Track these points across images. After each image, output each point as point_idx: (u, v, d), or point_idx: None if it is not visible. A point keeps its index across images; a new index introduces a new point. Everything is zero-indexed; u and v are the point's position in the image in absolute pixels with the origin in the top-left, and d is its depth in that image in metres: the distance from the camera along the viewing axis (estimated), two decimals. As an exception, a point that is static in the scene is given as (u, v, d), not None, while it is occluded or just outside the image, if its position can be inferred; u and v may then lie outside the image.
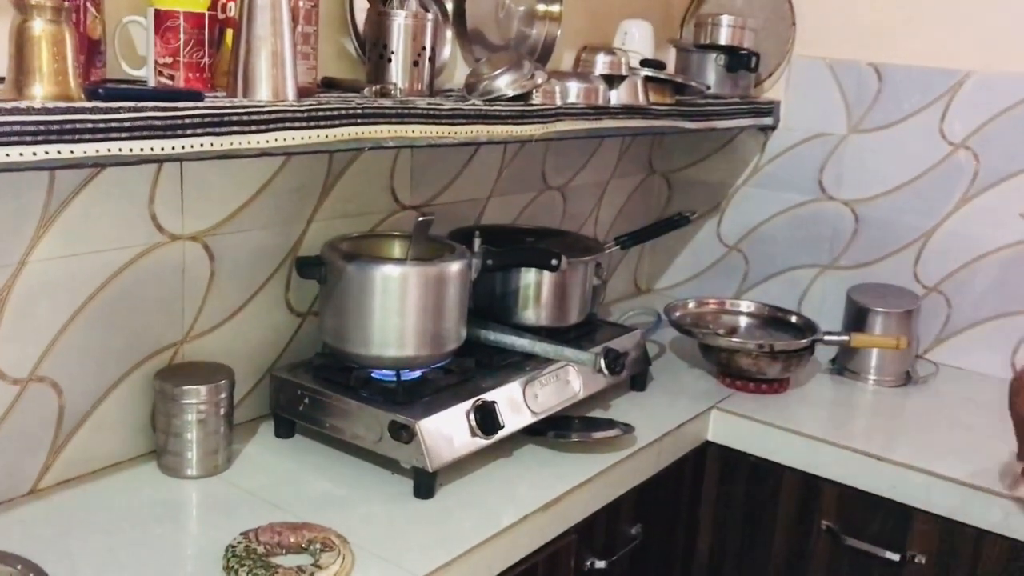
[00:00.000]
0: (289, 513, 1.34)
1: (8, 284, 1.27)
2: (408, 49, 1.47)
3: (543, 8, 2.02)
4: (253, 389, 1.63)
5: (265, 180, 1.56)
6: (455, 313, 1.55)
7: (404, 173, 1.81)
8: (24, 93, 0.98)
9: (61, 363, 1.35)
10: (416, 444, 1.40)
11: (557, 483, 1.50)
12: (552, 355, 1.66)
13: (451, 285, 1.53)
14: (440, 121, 1.38)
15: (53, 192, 1.29)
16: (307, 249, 1.64)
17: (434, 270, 1.51)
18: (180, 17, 1.21)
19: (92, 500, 1.36)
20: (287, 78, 1.22)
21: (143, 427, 1.48)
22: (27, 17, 0.98)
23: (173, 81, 1.22)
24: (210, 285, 1.52)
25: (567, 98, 1.69)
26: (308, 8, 1.34)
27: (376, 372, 1.53)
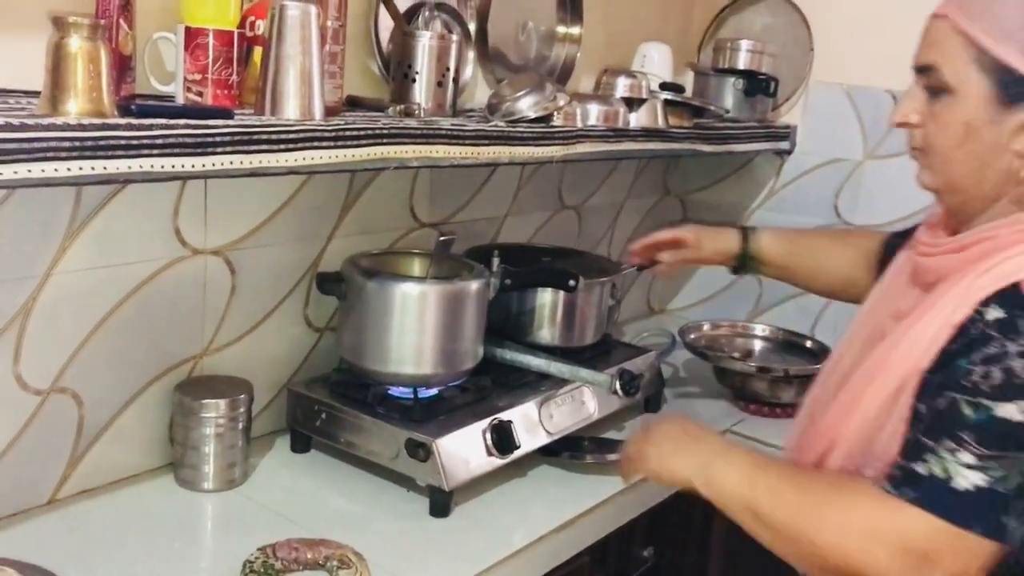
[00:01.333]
0: (305, 529, 1.34)
1: (33, 295, 1.28)
2: (432, 70, 1.48)
3: (563, 30, 2.03)
4: (270, 403, 1.63)
5: (287, 196, 1.57)
6: (472, 332, 1.56)
7: (423, 191, 1.82)
8: (59, 109, 0.99)
9: (82, 374, 1.36)
10: (433, 462, 1.41)
11: (571, 504, 1.50)
12: (568, 375, 1.66)
13: (469, 304, 1.54)
14: (464, 142, 1.39)
15: (80, 205, 1.30)
16: (327, 265, 1.65)
17: (453, 289, 1.52)
18: (209, 34, 1.22)
19: (110, 511, 1.37)
20: (315, 97, 1.23)
21: (161, 439, 1.49)
22: (64, 34, 0.99)
23: (201, 97, 1.23)
24: (231, 299, 1.53)
25: (587, 120, 1.70)
26: (336, 27, 1.35)
27: (393, 389, 1.54)
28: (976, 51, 0.98)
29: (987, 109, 0.98)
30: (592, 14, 2.05)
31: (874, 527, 0.95)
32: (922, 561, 0.91)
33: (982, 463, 0.90)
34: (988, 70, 0.97)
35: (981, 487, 0.90)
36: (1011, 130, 0.98)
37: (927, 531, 0.92)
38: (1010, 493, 0.90)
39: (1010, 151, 0.99)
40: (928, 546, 0.91)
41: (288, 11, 1.20)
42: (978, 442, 0.90)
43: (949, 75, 1.00)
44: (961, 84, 0.99)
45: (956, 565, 0.91)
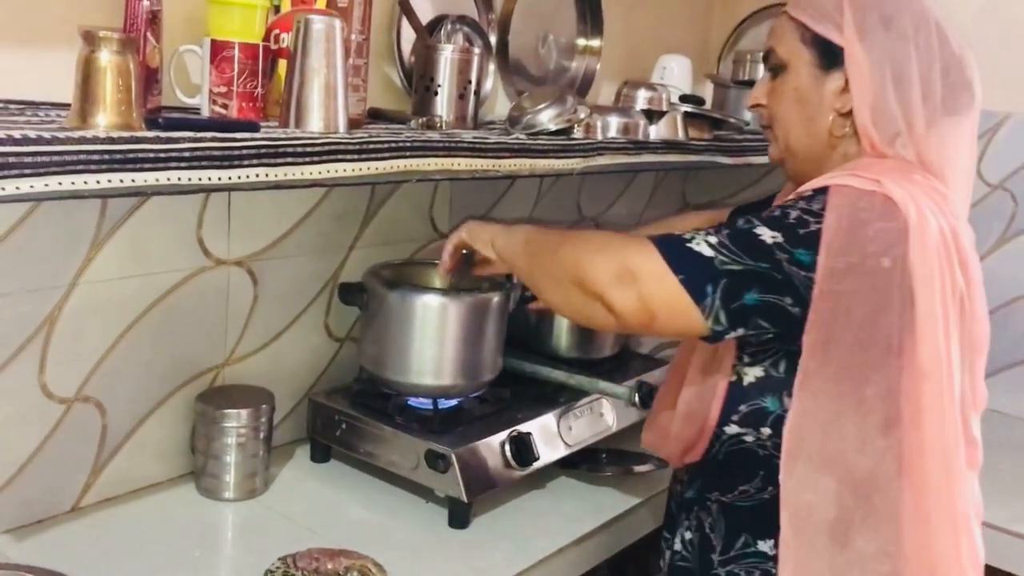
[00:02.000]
0: (325, 539, 1.35)
1: (59, 305, 1.29)
2: (454, 83, 1.49)
3: (583, 43, 2.04)
4: (290, 413, 1.64)
5: (309, 208, 1.58)
6: (493, 344, 1.56)
7: (444, 202, 1.83)
8: (88, 122, 1.00)
9: (106, 383, 1.37)
10: (452, 473, 1.41)
11: (590, 517, 1.50)
12: (586, 387, 1.66)
13: (490, 316, 1.54)
14: (485, 154, 1.39)
15: (105, 216, 1.32)
16: (348, 275, 1.66)
17: (474, 301, 1.52)
18: (235, 48, 1.23)
19: (131, 520, 1.38)
20: (339, 109, 1.24)
21: (182, 448, 1.50)
22: (94, 48, 1.00)
23: (227, 110, 1.24)
24: (253, 309, 1.54)
25: (607, 132, 1.70)
26: (360, 41, 1.36)
27: (413, 400, 1.55)
28: (802, 30, 1.17)
29: (811, 76, 1.17)
30: (612, 26, 2.05)
31: (613, 248, 1.11)
32: (630, 278, 1.07)
33: (719, 245, 1.05)
34: (810, 44, 1.17)
35: (706, 255, 1.05)
36: (832, 92, 1.16)
37: (648, 261, 1.07)
38: (723, 275, 1.04)
39: (831, 110, 1.16)
40: (641, 270, 1.07)
41: (313, 24, 1.21)
42: (728, 236, 1.06)
43: (783, 53, 1.20)
44: (792, 57, 1.19)
45: (652, 291, 1.06)
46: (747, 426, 1.15)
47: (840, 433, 1.06)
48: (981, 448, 1.17)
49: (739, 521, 1.18)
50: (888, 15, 1.12)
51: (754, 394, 1.14)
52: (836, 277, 1.02)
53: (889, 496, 1.06)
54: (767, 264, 1.03)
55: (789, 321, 1.05)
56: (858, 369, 1.05)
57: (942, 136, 1.12)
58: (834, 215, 1.04)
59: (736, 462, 1.17)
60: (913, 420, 1.05)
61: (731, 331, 1.06)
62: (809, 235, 1.04)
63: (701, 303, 1.04)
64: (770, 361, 1.13)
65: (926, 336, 1.04)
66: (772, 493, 1.13)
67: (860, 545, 1.06)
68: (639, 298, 1.06)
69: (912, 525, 1.06)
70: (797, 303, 1.04)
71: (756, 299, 1.04)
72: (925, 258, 1.03)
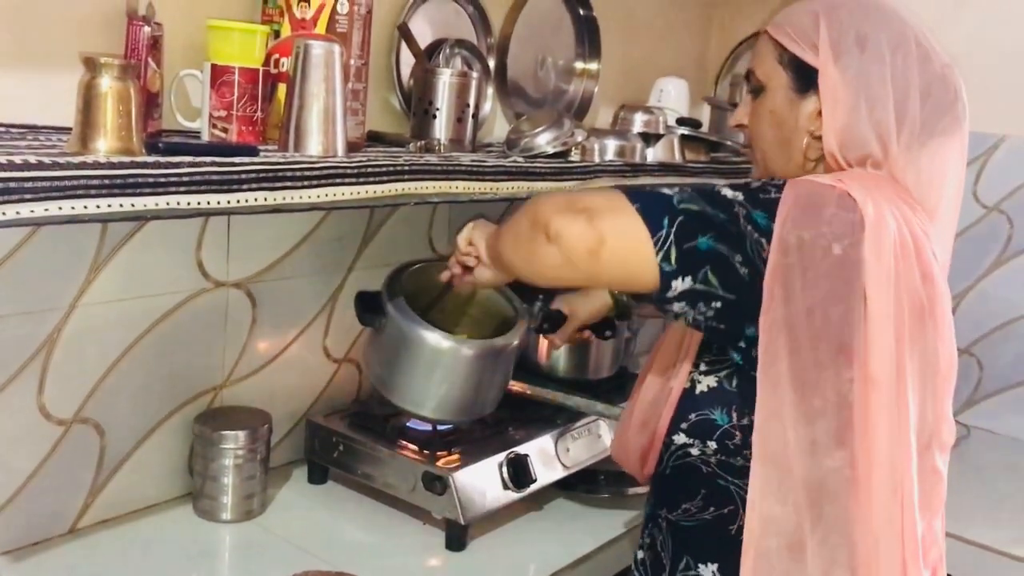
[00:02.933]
0: (322, 560, 1.35)
1: (58, 327, 1.30)
2: (453, 106, 1.50)
3: (581, 66, 2.05)
4: (288, 434, 1.65)
5: (308, 230, 1.59)
6: (501, 382, 1.51)
7: (442, 224, 1.84)
8: (89, 147, 1.02)
9: (105, 405, 1.38)
10: (449, 496, 1.41)
11: (587, 539, 1.50)
12: (584, 409, 1.67)
13: (503, 359, 1.48)
14: (483, 177, 1.41)
15: (105, 239, 1.33)
16: (346, 297, 1.66)
17: (490, 347, 1.45)
18: (235, 72, 1.24)
19: (129, 541, 1.38)
20: (337, 133, 1.25)
21: (180, 470, 1.50)
22: (95, 74, 1.02)
23: (227, 134, 1.25)
24: (251, 331, 1.55)
25: (605, 155, 1.71)
26: (359, 65, 1.37)
27: (412, 422, 1.55)
28: (779, 52, 1.16)
29: (786, 98, 1.16)
30: (610, 49, 2.07)
31: (578, 190, 1.10)
32: (582, 208, 1.03)
33: (680, 190, 1.05)
34: (787, 65, 1.15)
35: (666, 193, 1.04)
36: (806, 115, 1.14)
37: (605, 196, 1.05)
38: (680, 212, 1.01)
39: (805, 132, 1.15)
40: (595, 201, 1.04)
41: (312, 50, 1.22)
42: (691, 187, 1.06)
43: (761, 75, 1.19)
44: (769, 79, 1.17)
45: (604, 216, 1.02)
46: (694, 436, 1.13)
47: (796, 437, 1.03)
48: (944, 483, 1.14)
49: (683, 542, 1.17)
50: (864, 35, 1.10)
51: (704, 404, 1.12)
52: (786, 250, 1.00)
53: (839, 506, 1.03)
54: (725, 215, 1.01)
55: (736, 282, 1.01)
56: (812, 366, 1.02)
57: (920, 159, 1.10)
58: (792, 193, 1.03)
59: (680, 477, 1.16)
60: (861, 431, 1.02)
61: (680, 276, 1.00)
62: (768, 201, 1.03)
63: (655, 233, 1.00)
64: (725, 373, 1.11)
65: (877, 341, 1.01)
66: (713, 514, 1.12)
67: (812, 557, 1.04)
68: (588, 221, 1.01)
69: (863, 540, 1.03)
70: (746, 263, 1.01)
71: (709, 245, 1.00)
72: (880, 257, 1.01)
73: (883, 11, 1.13)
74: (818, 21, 1.12)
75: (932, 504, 1.12)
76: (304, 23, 1.34)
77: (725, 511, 1.12)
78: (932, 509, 1.12)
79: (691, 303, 1.02)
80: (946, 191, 1.13)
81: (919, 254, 1.05)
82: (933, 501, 1.12)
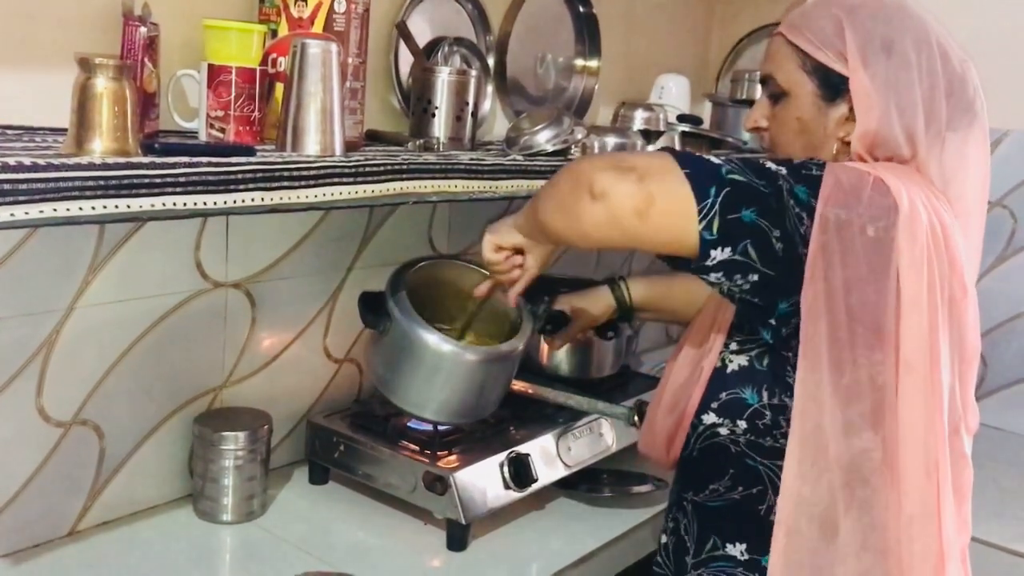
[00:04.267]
0: (323, 561, 1.35)
1: (56, 329, 1.30)
2: (452, 104, 1.49)
3: (581, 63, 2.05)
4: (289, 435, 1.64)
5: (308, 229, 1.59)
6: (503, 385, 1.50)
7: (442, 223, 1.83)
8: (84, 148, 1.01)
9: (104, 407, 1.37)
10: (450, 496, 1.41)
11: (589, 538, 1.49)
12: (586, 408, 1.66)
13: (507, 364, 1.47)
14: (482, 176, 1.40)
15: (103, 240, 1.32)
16: (346, 297, 1.66)
17: (494, 353, 1.43)
18: (232, 72, 1.24)
19: (129, 543, 1.37)
20: (335, 132, 1.24)
21: (180, 471, 1.49)
22: (90, 75, 1.01)
23: (224, 134, 1.24)
24: (251, 331, 1.54)
25: (605, 152, 1.70)
26: (357, 64, 1.37)
27: (412, 422, 1.54)
28: (802, 58, 1.15)
29: (814, 105, 1.15)
30: (610, 46, 2.06)
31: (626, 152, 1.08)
32: (629, 168, 1.02)
33: (727, 160, 1.04)
34: (812, 73, 1.15)
35: (715, 162, 1.03)
36: (835, 121, 1.14)
37: (656, 159, 1.05)
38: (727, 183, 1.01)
39: (835, 139, 1.15)
40: (644, 162, 1.04)
41: (309, 49, 1.22)
42: (738, 159, 1.05)
43: (783, 81, 1.17)
44: (793, 86, 1.16)
45: (654, 178, 1.01)
46: (724, 416, 1.14)
47: (831, 418, 1.04)
48: (971, 468, 1.15)
49: (709, 522, 1.18)
50: (889, 40, 1.11)
51: (734, 383, 1.13)
52: (825, 228, 1.01)
53: (870, 488, 1.04)
54: (769, 188, 1.02)
55: (772, 258, 1.01)
56: (848, 347, 1.03)
57: (943, 153, 1.11)
58: (832, 174, 1.04)
59: (708, 458, 1.17)
60: (892, 414, 1.03)
61: (720, 246, 1.00)
62: (810, 177, 1.04)
63: (701, 201, 0.99)
64: (756, 352, 1.13)
65: (911, 327, 1.02)
66: (742, 494, 1.14)
67: (845, 537, 1.05)
68: (639, 181, 1.01)
69: (895, 522, 1.04)
70: (783, 239, 1.01)
71: (752, 218, 1.00)
72: (914, 245, 1.02)
73: (903, 12, 1.14)
74: (841, 27, 1.12)
75: (961, 489, 1.13)
76: (301, 22, 1.33)
77: (754, 491, 1.14)
78: (961, 494, 1.13)
79: (728, 274, 1.03)
80: (969, 182, 1.14)
81: (947, 242, 1.06)
82: (962, 486, 1.13)
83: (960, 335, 1.09)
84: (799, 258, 1.02)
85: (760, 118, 1.22)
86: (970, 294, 1.11)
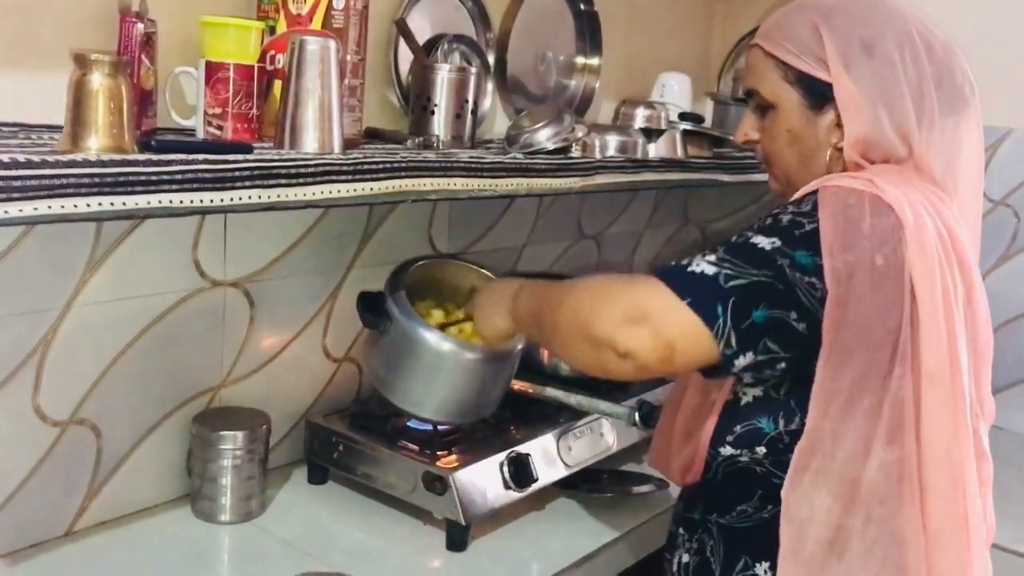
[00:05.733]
0: (321, 562, 1.34)
1: (53, 328, 1.29)
2: (451, 102, 1.48)
3: (582, 61, 2.04)
4: (288, 434, 1.63)
5: (307, 228, 1.58)
6: (503, 384, 1.49)
7: (442, 221, 1.82)
8: (80, 145, 1.00)
9: (101, 406, 1.36)
10: (450, 496, 1.40)
11: (589, 538, 1.48)
12: (587, 407, 1.64)
13: (507, 363, 1.46)
14: (482, 174, 1.39)
15: (100, 238, 1.31)
16: (345, 297, 1.65)
17: (494, 353, 1.41)
18: (230, 69, 1.23)
19: (127, 543, 1.36)
20: (334, 130, 1.24)
21: (178, 471, 1.48)
22: (86, 71, 1.00)
23: (222, 131, 1.24)
24: (249, 330, 1.54)
25: (606, 151, 1.70)
26: (356, 61, 1.36)
27: (412, 422, 1.53)
28: (783, 69, 1.14)
29: (802, 116, 1.14)
30: (611, 44, 2.05)
31: (614, 291, 1.07)
32: (639, 315, 1.03)
33: (719, 260, 1.03)
34: (795, 83, 1.13)
35: (709, 274, 1.02)
36: (825, 129, 1.13)
37: (654, 294, 1.03)
38: (730, 292, 1.01)
39: (828, 146, 1.14)
40: (649, 304, 1.03)
41: (307, 46, 1.21)
42: (726, 251, 1.04)
43: (767, 94, 1.16)
44: (778, 99, 1.15)
45: (665, 322, 1.02)
46: (741, 447, 1.12)
47: (849, 444, 1.03)
48: (991, 463, 1.14)
49: (739, 543, 1.16)
50: (869, 40, 1.09)
51: (749, 414, 1.12)
52: (839, 279, 1.00)
53: (889, 508, 1.03)
54: (770, 273, 1.00)
55: (796, 340, 1.02)
56: (870, 377, 1.02)
57: (936, 144, 1.10)
58: (827, 213, 1.02)
59: (734, 482, 1.16)
60: (913, 428, 1.02)
61: (741, 355, 1.01)
62: (805, 235, 1.02)
63: (712, 325, 1.00)
64: (772, 383, 1.10)
65: (930, 337, 1.01)
66: (772, 512, 1.12)
67: (858, 560, 1.04)
68: (653, 332, 1.01)
69: (915, 539, 1.03)
70: (802, 317, 1.01)
71: (764, 315, 1.00)
72: (924, 257, 1.01)
73: (878, 8, 1.12)
74: (818, 32, 1.11)
75: (984, 486, 1.13)
76: (300, 19, 1.33)
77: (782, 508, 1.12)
78: (984, 491, 1.13)
79: (757, 371, 1.05)
80: (964, 167, 1.12)
81: (955, 244, 1.06)
82: (984, 482, 1.13)
83: (974, 333, 1.09)
84: (821, 325, 1.01)
85: (750, 131, 1.21)
86: (979, 289, 1.10)
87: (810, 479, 1.05)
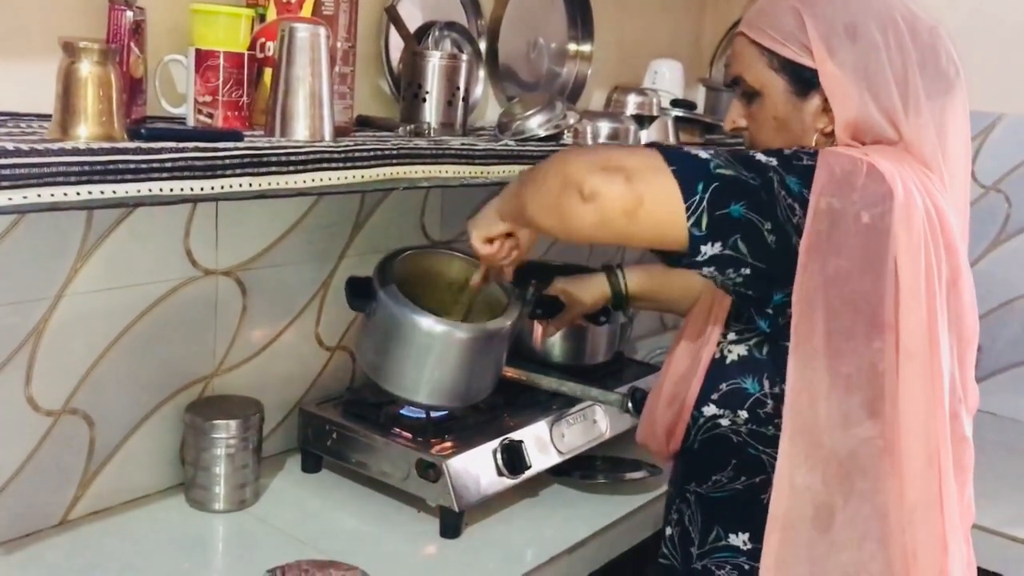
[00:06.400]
0: (315, 550, 1.34)
1: (45, 317, 1.29)
2: (442, 89, 1.48)
3: (574, 48, 2.03)
4: (281, 423, 1.63)
5: (299, 216, 1.57)
6: (496, 367, 1.48)
7: (434, 209, 1.82)
8: (69, 133, 1.00)
9: (94, 395, 1.36)
10: (443, 483, 1.40)
11: (583, 525, 1.49)
12: (579, 395, 1.65)
13: (497, 343, 1.44)
14: (473, 161, 1.39)
15: (91, 227, 1.31)
16: (337, 285, 1.65)
17: (484, 331, 1.41)
18: (220, 57, 1.23)
19: (120, 533, 1.37)
20: (324, 118, 1.23)
21: (172, 460, 1.49)
22: (74, 59, 1.00)
23: (212, 119, 1.23)
24: (241, 319, 1.53)
25: (598, 138, 1.69)
26: (346, 49, 1.35)
27: (405, 409, 1.53)
28: (768, 56, 1.14)
29: (788, 102, 1.14)
30: (603, 31, 2.05)
31: (606, 147, 1.09)
32: (617, 168, 1.01)
33: (716, 154, 1.03)
34: (780, 70, 1.14)
35: (702, 157, 1.02)
36: (811, 115, 1.13)
37: (642, 155, 1.04)
38: (715, 178, 1.00)
39: (814, 131, 1.14)
40: (631, 161, 1.02)
41: (297, 33, 1.20)
42: (727, 152, 1.04)
43: (753, 81, 1.16)
44: (764, 86, 1.15)
45: (642, 178, 1.00)
46: (725, 407, 1.13)
47: (828, 410, 1.04)
48: (972, 448, 1.15)
49: (713, 513, 1.18)
50: (852, 24, 1.09)
51: (734, 373, 1.13)
52: (818, 217, 1.00)
53: (871, 478, 1.04)
54: (759, 180, 1.01)
55: (764, 251, 1.01)
56: (845, 337, 1.03)
57: (923, 125, 1.10)
58: (825, 163, 1.03)
59: (710, 450, 1.17)
60: (892, 402, 1.03)
61: (710, 241, 1.00)
62: (801, 167, 1.03)
63: (688, 199, 0.99)
64: (755, 341, 1.12)
65: (910, 313, 1.02)
66: (745, 484, 1.13)
67: (842, 529, 1.05)
68: (626, 180, 0.99)
69: (897, 512, 1.04)
70: (775, 231, 1.00)
71: (740, 212, 0.99)
72: (910, 233, 1.02)
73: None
74: (801, 19, 1.11)
75: (963, 472, 1.13)
76: (289, 6, 1.32)
77: (756, 480, 1.13)
78: (963, 477, 1.13)
79: (720, 268, 1.03)
80: (951, 149, 1.12)
81: (943, 226, 1.06)
82: (964, 468, 1.13)
83: (958, 317, 1.09)
84: (792, 249, 1.01)
85: (737, 118, 1.22)
86: (966, 275, 1.10)
87: (792, 452, 1.06)
